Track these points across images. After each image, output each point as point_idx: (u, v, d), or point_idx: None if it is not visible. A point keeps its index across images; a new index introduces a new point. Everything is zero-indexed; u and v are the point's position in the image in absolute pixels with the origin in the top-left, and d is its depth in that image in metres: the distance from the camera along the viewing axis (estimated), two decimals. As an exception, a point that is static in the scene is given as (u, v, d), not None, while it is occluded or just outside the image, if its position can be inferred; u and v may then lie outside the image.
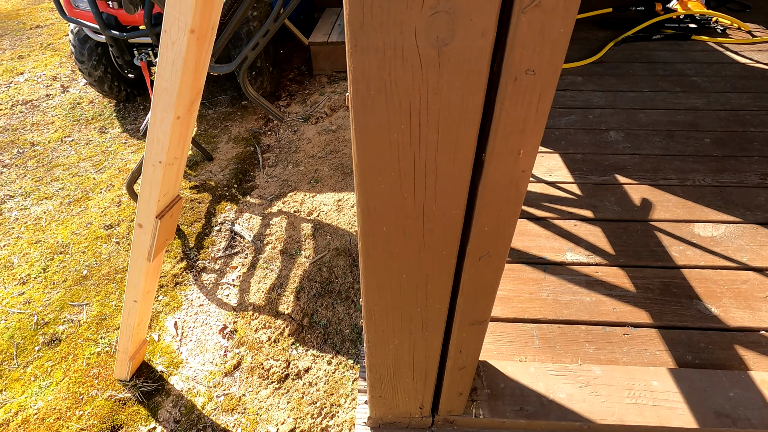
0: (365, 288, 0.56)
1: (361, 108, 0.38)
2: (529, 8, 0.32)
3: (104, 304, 2.28)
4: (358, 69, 0.36)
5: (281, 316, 2.21)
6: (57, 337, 2.12)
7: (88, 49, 3.38)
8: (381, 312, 0.60)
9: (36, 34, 5.32)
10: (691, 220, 1.37)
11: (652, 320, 1.07)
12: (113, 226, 2.72)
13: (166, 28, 0.86)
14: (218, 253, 2.59)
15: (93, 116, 3.79)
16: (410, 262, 0.52)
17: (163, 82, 0.94)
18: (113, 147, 3.41)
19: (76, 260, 2.52)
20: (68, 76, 4.41)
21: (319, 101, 3.82)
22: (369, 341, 0.64)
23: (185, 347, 2.12)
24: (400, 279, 0.55)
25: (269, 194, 2.96)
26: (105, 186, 3.04)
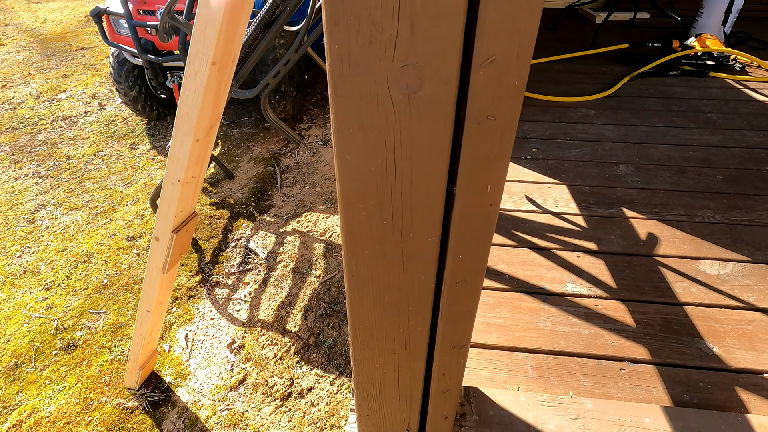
0: (350, 307, 0.59)
1: (342, 144, 0.43)
2: (485, 64, 0.36)
3: (121, 312, 2.37)
4: (339, 111, 0.41)
5: (288, 334, 2.24)
6: (74, 342, 2.20)
7: (126, 71, 3.61)
8: (365, 331, 0.63)
9: (80, 55, 5.69)
10: (698, 257, 1.35)
11: (650, 356, 1.06)
12: (135, 238, 2.84)
13: (190, 59, 0.95)
14: (232, 269, 2.66)
15: (125, 133, 4.00)
16: (391, 284, 0.56)
17: (185, 108, 1.02)
18: (141, 162, 3.59)
19: (98, 269, 2.63)
20: (106, 95, 4.69)
21: (338, 125, 3.95)
22: (355, 359, 0.67)
23: (194, 360, 2.17)
24: (383, 300, 0.58)
25: (285, 213, 3.04)
26: (131, 199, 3.18)
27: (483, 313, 1.12)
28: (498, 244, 1.38)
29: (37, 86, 4.87)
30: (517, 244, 1.36)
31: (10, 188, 3.31)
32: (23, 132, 4.03)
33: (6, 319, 2.33)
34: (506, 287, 1.21)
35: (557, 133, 2.06)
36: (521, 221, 1.47)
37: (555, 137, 2.03)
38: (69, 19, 7.07)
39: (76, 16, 7.22)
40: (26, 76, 5.13)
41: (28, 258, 2.71)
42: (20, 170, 3.50)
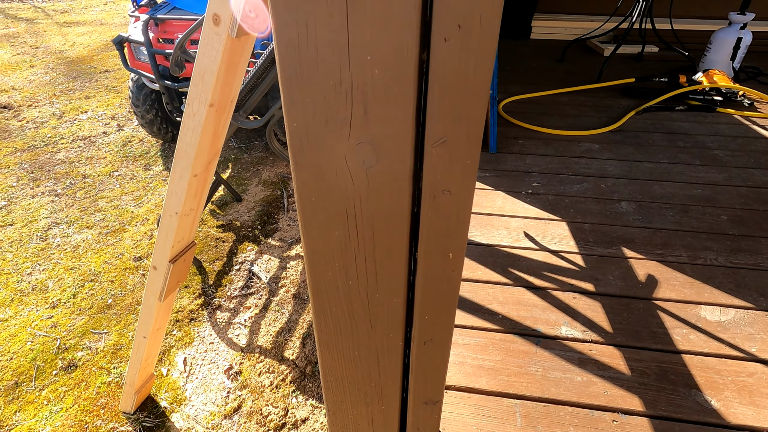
0: (321, 358, 0.60)
1: (304, 209, 0.44)
2: (437, 144, 0.38)
3: (122, 334, 2.39)
4: (300, 180, 0.42)
5: (285, 362, 2.23)
6: (74, 363, 2.22)
7: (144, 95, 3.75)
8: (336, 382, 0.63)
9: (104, 77, 5.93)
10: (699, 302, 1.32)
11: (644, 408, 1.03)
12: (142, 259, 2.89)
13: (189, 101, 0.99)
14: (234, 292, 2.67)
15: (140, 154, 4.12)
16: (360, 340, 0.56)
17: (184, 146, 1.05)
18: (153, 183, 3.68)
19: (104, 289, 2.67)
20: (125, 116, 4.86)
21: (347, 151, 4.01)
22: (329, 409, 0.67)
23: (190, 384, 2.17)
24: (353, 354, 0.58)
25: (290, 237, 3.07)
26: (141, 219, 3.25)
27: (474, 355, 1.11)
28: (493, 282, 1.37)
29: (60, 106, 5.07)
30: (513, 283, 1.35)
31: (27, 205, 3.41)
32: (44, 151, 4.18)
33: (11, 336, 2.37)
34: (499, 328, 1.19)
35: (559, 168, 2.06)
36: (518, 258, 1.46)
37: (557, 171, 2.03)
38: (96, 43, 7.40)
39: (102, 40, 7.56)
40: (51, 96, 5.35)
41: (38, 275, 2.76)
42: (38, 188, 3.62)
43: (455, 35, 0.32)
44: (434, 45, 0.33)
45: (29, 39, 7.74)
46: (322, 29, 0.33)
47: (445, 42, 0.32)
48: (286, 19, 0.33)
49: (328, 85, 0.36)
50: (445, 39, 0.32)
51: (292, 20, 0.33)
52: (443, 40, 0.32)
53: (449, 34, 0.32)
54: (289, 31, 0.34)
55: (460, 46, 0.32)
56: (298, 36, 0.34)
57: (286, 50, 0.35)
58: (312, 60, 0.35)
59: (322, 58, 0.35)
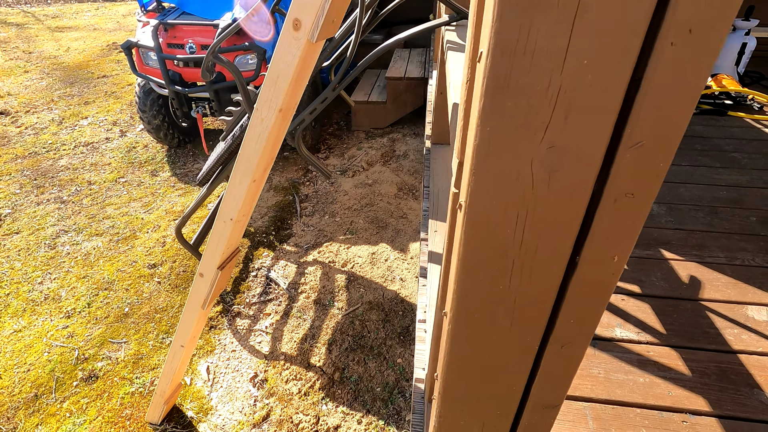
0: (446, 366, 0.59)
1: (473, 212, 0.44)
2: (633, 147, 0.38)
3: (142, 343, 2.34)
4: (478, 185, 0.42)
5: (312, 369, 2.20)
6: (95, 373, 2.17)
7: (151, 100, 3.70)
8: (457, 389, 0.62)
9: (102, 82, 5.85)
10: (744, 302, 1.34)
11: (711, 408, 1.04)
12: (156, 266, 2.84)
13: (258, 106, 0.97)
14: (253, 299, 2.64)
15: (146, 159, 4.06)
16: (495, 345, 0.56)
17: (248, 151, 1.04)
18: (162, 189, 3.63)
19: (119, 297, 2.62)
20: (127, 122, 4.79)
21: (356, 155, 4.00)
22: (440, 415, 0.66)
23: (215, 393, 2.13)
24: (482, 362, 0.58)
25: (305, 243, 3.05)
26: (152, 226, 3.20)
27: (533, 358, 1.11)
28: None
29: (59, 112, 4.99)
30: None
31: (32, 213, 3.34)
32: (45, 157, 4.10)
33: (26, 347, 2.31)
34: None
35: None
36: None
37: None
38: (91, 48, 7.30)
39: (97, 45, 7.46)
40: (49, 102, 5.26)
41: (49, 284, 2.70)
42: (42, 195, 3.54)
43: (683, 39, 0.32)
44: (657, 49, 0.33)
45: (21, 44, 7.60)
46: (543, 36, 0.33)
47: (671, 46, 0.32)
48: (510, 27, 0.33)
49: (534, 90, 0.36)
50: (672, 43, 0.32)
51: (515, 27, 0.33)
52: (669, 44, 0.32)
53: (677, 38, 0.32)
54: (509, 38, 0.34)
55: (685, 50, 0.33)
56: (516, 42, 0.34)
57: (501, 57, 0.34)
58: (525, 66, 0.35)
59: (536, 63, 0.35)
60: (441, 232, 1.55)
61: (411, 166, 3.79)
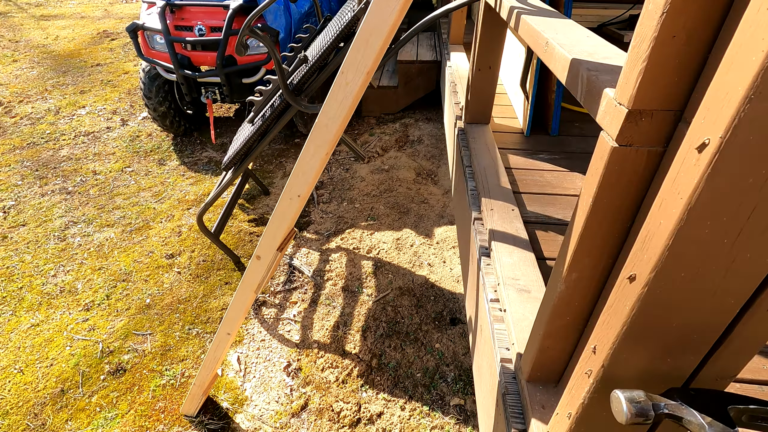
0: (625, 335, 0.54)
1: (731, 152, 0.38)
2: None
3: (168, 334, 2.26)
4: (751, 115, 0.36)
5: (348, 356, 2.15)
6: (122, 366, 2.09)
7: (156, 86, 3.56)
8: (628, 362, 0.57)
9: (96, 71, 5.65)
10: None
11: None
12: (174, 256, 2.75)
13: (344, 69, 0.90)
14: (278, 288, 2.57)
15: (152, 148, 3.93)
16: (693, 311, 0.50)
17: (325, 119, 0.96)
18: (171, 179, 3.51)
19: (139, 288, 2.53)
20: (127, 111, 4.63)
21: (369, 141, 3.92)
22: (596, 391, 0.61)
23: (249, 384, 2.07)
24: (670, 329, 0.52)
25: (325, 230, 2.98)
26: (165, 216, 3.10)
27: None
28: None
29: (55, 102, 4.80)
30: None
31: (37, 204, 3.20)
32: (45, 147, 3.94)
33: (46, 341, 2.21)
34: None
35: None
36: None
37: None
38: (81, 36, 7.04)
39: (87, 33, 7.20)
40: (43, 91, 5.06)
41: (63, 277, 2.60)
42: (46, 186, 3.41)
43: None
44: None
45: (6, 33, 7.30)
46: None
47: None
48: None
49: None
50: None
51: None
52: None
53: None
54: None
55: None
56: None
57: None
58: None
59: None
60: (497, 210, 1.49)
61: (427, 151, 3.72)
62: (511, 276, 1.22)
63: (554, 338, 0.82)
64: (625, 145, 0.58)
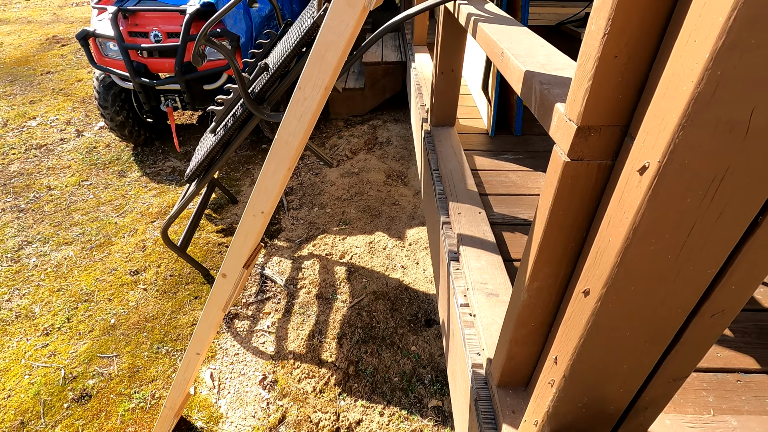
0: (582, 347, 0.55)
1: (669, 175, 0.39)
2: None
3: (135, 355, 2.18)
4: (684, 141, 0.37)
5: (325, 365, 2.13)
6: (87, 392, 2.00)
7: (113, 95, 3.42)
8: (588, 371, 0.58)
9: (47, 79, 5.36)
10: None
11: (760, 366, 1.07)
12: (139, 272, 2.64)
13: (301, 84, 0.88)
14: (249, 299, 2.52)
15: (110, 160, 3.77)
16: (644, 320, 0.52)
17: (286, 135, 0.95)
18: (133, 191, 3.38)
19: (102, 309, 2.42)
20: (82, 121, 4.42)
21: (338, 144, 3.89)
22: (560, 400, 0.62)
23: (224, 400, 2.02)
24: (623, 339, 0.54)
25: (297, 237, 2.94)
26: (128, 230, 2.98)
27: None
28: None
29: (2, 113, 4.53)
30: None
31: (-13, 224, 3.02)
32: (-7, 162, 3.72)
33: (2, 371, 2.09)
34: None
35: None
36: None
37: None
38: (28, 42, 6.68)
39: (35, 39, 6.83)
40: (-12, 102, 4.76)
41: (19, 301, 2.46)
42: (-4, 204, 3.21)
43: None
44: None
45: (-55, 40, 6.84)
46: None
47: None
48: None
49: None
50: None
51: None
52: None
53: None
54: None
55: None
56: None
57: None
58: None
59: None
60: (465, 213, 1.51)
61: (396, 153, 3.73)
62: (480, 280, 1.23)
63: (521, 344, 0.83)
64: (576, 159, 0.60)
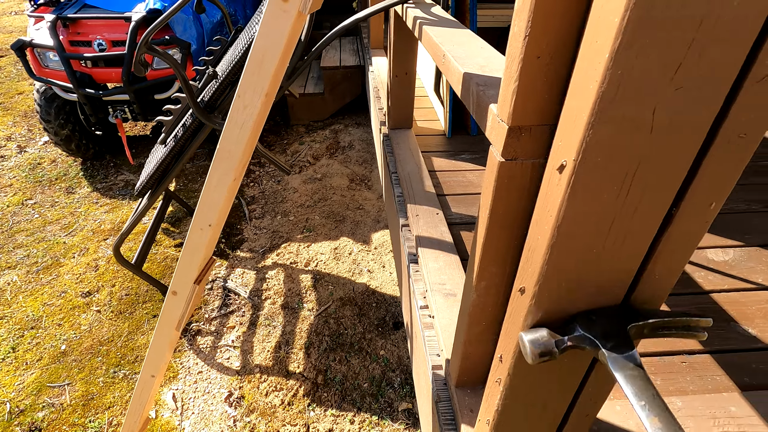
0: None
1: (585, 173, 0.40)
2: (760, 81, 0.36)
3: (89, 381, 2.06)
4: (595, 138, 0.38)
5: (292, 376, 2.08)
6: (36, 425, 1.87)
7: (56, 107, 3.23)
8: (531, 367, 0.59)
9: (-16, 93, 5.02)
10: (702, 247, 1.48)
11: (701, 346, 1.13)
12: (92, 293, 2.51)
13: (240, 93, 0.86)
14: (212, 314, 2.43)
15: (57, 176, 3.57)
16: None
17: (228, 145, 0.92)
18: (83, 208, 3.21)
19: (51, 335, 2.28)
20: (24, 136, 4.17)
21: (300, 150, 3.84)
22: (507, 398, 0.63)
23: (188, 421, 1.94)
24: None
25: (260, 246, 2.87)
26: (78, 250, 2.82)
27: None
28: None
29: (-67, 131, 4.20)
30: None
31: None
32: (-76, 184, 3.44)
33: (-61, 411, 1.93)
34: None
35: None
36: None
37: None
38: (-38, 54, 6.23)
39: (-30, 50, 6.38)
40: None
41: (-43, 333, 2.28)
42: (-73, 230, 2.97)
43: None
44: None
45: None
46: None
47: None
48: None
49: (678, 22, 0.33)
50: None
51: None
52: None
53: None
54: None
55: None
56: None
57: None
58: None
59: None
60: (423, 215, 1.51)
61: (359, 156, 3.72)
62: (438, 281, 1.24)
63: (474, 344, 0.84)
64: (510, 159, 0.60)
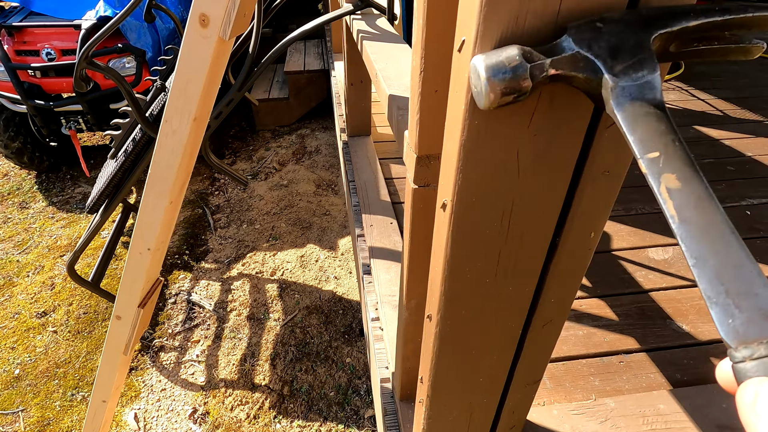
0: (435, 368, 0.57)
1: (463, 212, 0.42)
2: (610, 126, 0.38)
3: (45, 406, 1.99)
4: (467, 180, 0.40)
5: (258, 389, 2.07)
6: (-13, 456, 1.80)
7: (4, 119, 3.10)
8: (446, 390, 0.61)
9: (-72, 103, 4.76)
10: (644, 246, 1.55)
11: (639, 345, 1.18)
12: (47, 313, 2.42)
13: (167, 117, 0.85)
14: (176, 328, 2.39)
15: (9, 191, 3.42)
16: (484, 338, 0.55)
17: (159, 170, 0.91)
18: (38, 223, 3.09)
19: (4, 359, 2.19)
20: (-26, 149, 3.97)
21: (265, 156, 3.80)
22: (430, 417, 0.64)
23: (150, 442, 1.90)
24: (470, 356, 0.57)
25: (225, 257, 2.83)
26: (32, 268, 2.72)
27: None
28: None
29: None
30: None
31: None
32: None
33: None
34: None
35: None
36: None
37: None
38: None
39: None
40: None
41: None
42: None
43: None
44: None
45: None
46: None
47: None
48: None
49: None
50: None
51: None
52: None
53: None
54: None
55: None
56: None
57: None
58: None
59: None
60: (377, 225, 1.53)
61: (325, 161, 3.71)
62: (388, 293, 1.25)
63: (411, 359, 0.85)
64: (423, 186, 0.62)
